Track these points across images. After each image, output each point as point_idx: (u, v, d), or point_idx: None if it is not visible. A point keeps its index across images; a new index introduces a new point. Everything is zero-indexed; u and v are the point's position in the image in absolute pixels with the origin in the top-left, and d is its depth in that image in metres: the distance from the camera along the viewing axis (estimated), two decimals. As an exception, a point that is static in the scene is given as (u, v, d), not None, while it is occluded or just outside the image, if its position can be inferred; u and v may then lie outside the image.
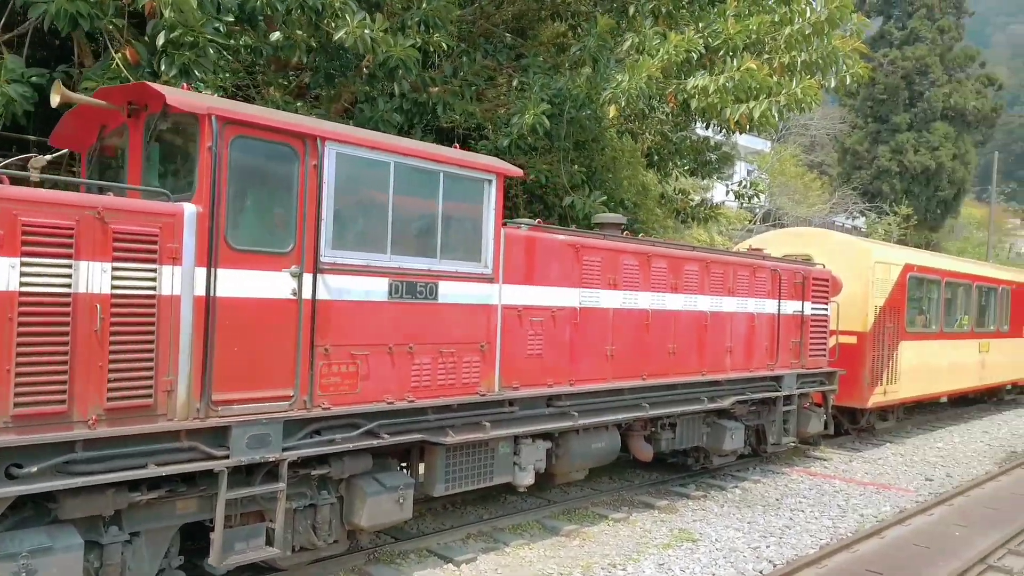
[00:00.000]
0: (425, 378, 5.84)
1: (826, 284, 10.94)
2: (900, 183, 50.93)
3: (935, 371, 13.88)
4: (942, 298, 13.99)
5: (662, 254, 8.28)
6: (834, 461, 11.43)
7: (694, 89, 11.19)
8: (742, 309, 9.42)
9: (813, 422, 10.82)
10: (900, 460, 11.75)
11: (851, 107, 54.81)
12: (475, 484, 6.35)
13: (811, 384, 10.75)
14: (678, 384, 8.43)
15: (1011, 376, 17.53)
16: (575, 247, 7.21)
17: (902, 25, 53.67)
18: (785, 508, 8.66)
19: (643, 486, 9.17)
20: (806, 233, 12.87)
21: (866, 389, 11.93)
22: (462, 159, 6.06)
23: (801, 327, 10.45)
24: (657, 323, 8.16)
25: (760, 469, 10.59)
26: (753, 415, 10.03)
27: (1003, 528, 7.91)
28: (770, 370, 9.89)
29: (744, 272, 9.47)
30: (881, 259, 12.18)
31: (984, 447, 13.24)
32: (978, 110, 51.47)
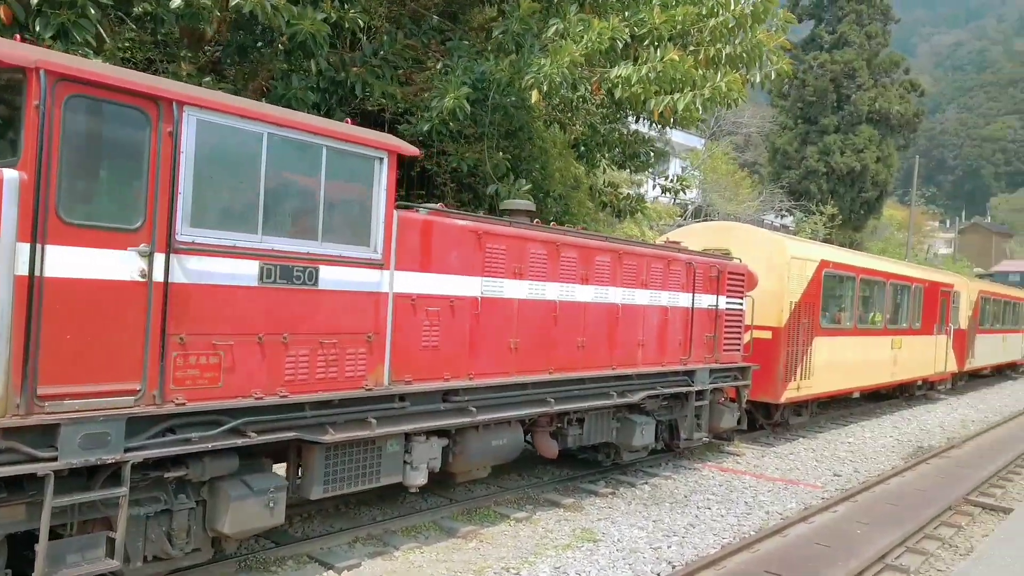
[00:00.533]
0: (302, 371, 5.37)
1: (742, 278, 10.86)
2: (827, 183, 52.38)
3: (848, 367, 14.06)
4: (856, 295, 14.18)
5: (572, 243, 7.97)
6: (747, 456, 11.40)
7: (618, 78, 10.98)
8: (655, 302, 9.22)
9: (726, 417, 10.74)
10: (811, 455, 11.81)
11: (782, 108, 56.09)
12: (359, 485, 5.92)
13: (725, 379, 10.67)
14: (587, 378, 8.16)
15: (921, 372, 18.01)
16: (477, 233, 6.83)
17: (832, 29, 55.05)
18: (692, 505, 8.50)
19: (551, 483, 8.89)
20: (725, 227, 12.81)
21: (780, 384, 11.95)
22: (348, 133, 5.59)
23: (715, 321, 10.33)
24: (566, 315, 7.86)
25: (672, 465, 10.46)
26: (665, 410, 9.87)
27: (904, 525, 7.91)
28: (683, 364, 9.74)
29: (658, 264, 9.26)
30: (797, 255, 12.20)
31: (893, 442, 13.48)
32: (901, 115, 53.26)
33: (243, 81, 12.54)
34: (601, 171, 18.44)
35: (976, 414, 17.79)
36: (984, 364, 23.43)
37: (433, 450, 6.53)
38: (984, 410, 18.63)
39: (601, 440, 8.77)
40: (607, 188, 19.09)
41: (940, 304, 18.62)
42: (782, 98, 55.66)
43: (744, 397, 11.15)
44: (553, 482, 8.95)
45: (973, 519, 8.54)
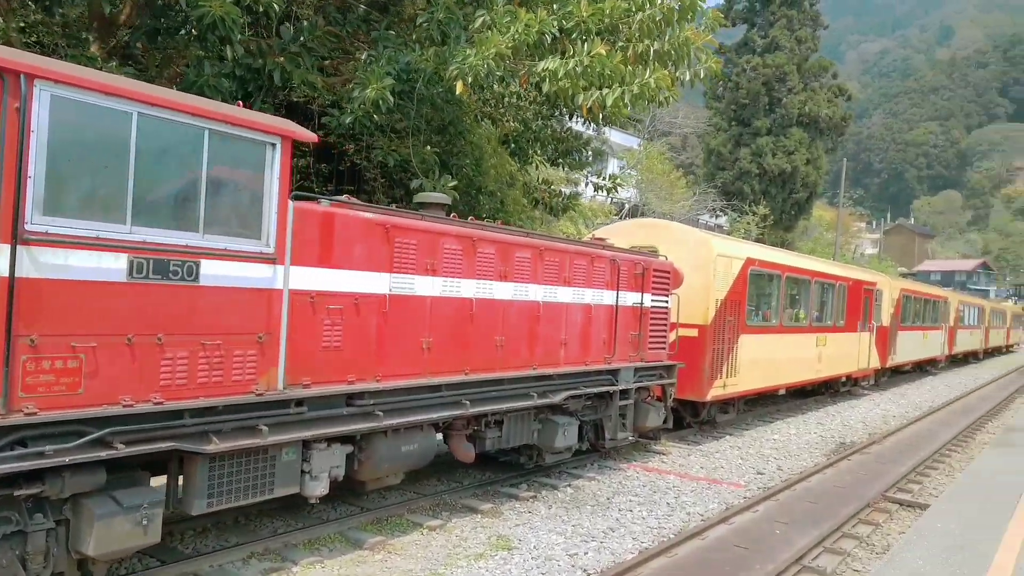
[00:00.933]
0: (180, 375, 4.90)
1: (667, 276, 10.75)
2: (759, 184, 53.55)
3: (774, 364, 14.17)
4: (782, 293, 14.29)
5: (490, 239, 7.66)
6: (673, 455, 11.31)
7: (545, 72, 10.75)
8: (578, 300, 8.99)
9: (652, 416, 10.61)
10: (736, 453, 11.80)
11: (716, 110, 57.15)
12: (250, 498, 5.47)
13: (650, 378, 10.53)
14: (505, 379, 7.86)
15: (846, 369, 18.36)
16: (385, 227, 6.45)
17: (764, 34, 56.27)
18: (614, 508, 8.30)
19: (471, 488, 8.56)
20: (652, 225, 12.72)
21: (706, 382, 11.90)
22: (234, 116, 5.14)
23: (640, 319, 10.18)
24: (483, 313, 7.55)
25: (598, 465, 10.27)
26: (590, 410, 9.67)
27: (823, 524, 7.87)
28: (607, 363, 9.55)
29: (581, 261, 9.03)
30: (723, 252, 12.18)
31: (817, 438, 13.62)
32: (830, 118, 54.80)
33: (157, 68, 11.86)
34: (534, 168, 18.24)
35: (898, 409, 18.23)
36: (906, 360, 24.15)
37: (335, 458, 6.13)
38: (905, 405, 19.13)
39: (522, 442, 8.49)
40: (541, 185, 18.91)
41: (864, 302, 19.03)
42: (717, 100, 56.76)
43: (670, 396, 11.05)
44: (473, 486, 8.63)
45: (891, 516, 8.58)
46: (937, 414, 17.68)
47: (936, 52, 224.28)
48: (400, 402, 6.61)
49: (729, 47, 57.07)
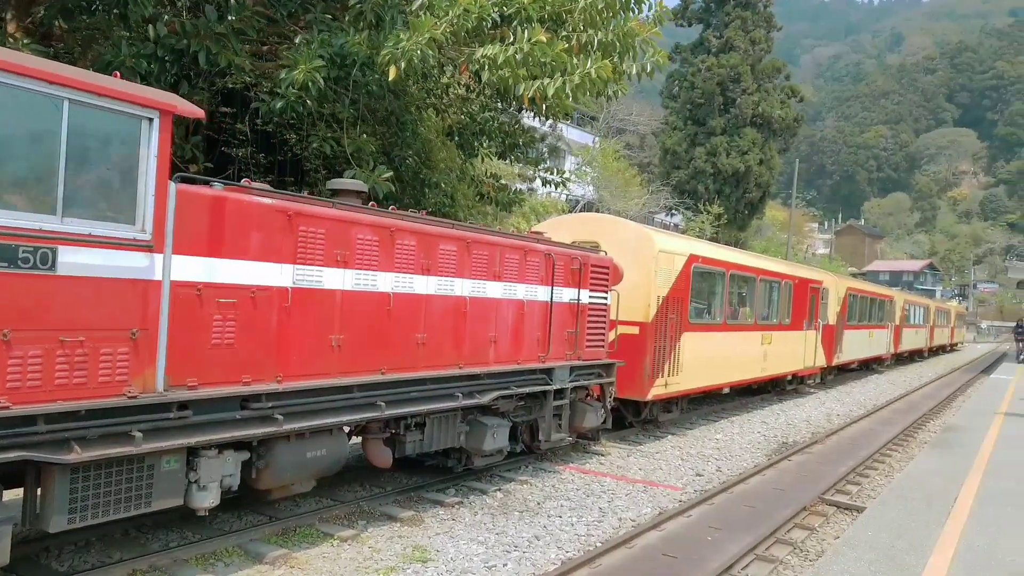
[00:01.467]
0: (32, 376, 4.34)
1: (606, 272, 10.40)
2: (713, 184, 53.96)
3: (718, 363, 13.96)
4: (727, 290, 14.09)
5: (411, 229, 7.19)
6: (612, 456, 10.98)
7: (484, 59, 10.32)
8: (510, 295, 8.58)
9: (590, 416, 10.26)
10: (677, 453, 11.53)
11: (672, 109, 57.45)
12: (121, 512, 4.92)
13: (588, 377, 10.18)
14: (428, 379, 7.40)
15: (792, 367, 18.32)
16: (288, 214, 5.93)
17: (720, 34, 56.69)
18: (544, 514, 7.91)
19: (393, 493, 8.08)
20: (595, 219, 12.39)
21: (646, 381, 11.60)
22: (100, 85, 4.59)
23: (577, 316, 9.81)
24: (402, 309, 7.08)
25: (533, 468, 9.88)
26: (524, 411, 9.27)
27: (757, 529, 7.59)
28: (541, 362, 9.15)
29: (514, 255, 8.62)
30: (665, 248, 11.89)
31: (760, 438, 13.45)
32: (782, 119, 55.45)
33: (80, 49, 11.15)
34: (480, 161, 17.80)
35: (842, 408, 18.25)
36: (852, 359, 24.33)
37: (228, 466, 5.61)
38: (850, 404, 19.18)
39: (447, 446, 8.04)
40: (489, 179, 18.49)
41: (810, 300, 19.02)
42: (672, 99, 57.09)
43: (610, 395, 10.72)
44: (396, 492, 8.15)
45: (827, 519, 8.35)
46: (880, 412, 17.73)
47: (887, 58, 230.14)
48: (305, 404, 6.11)
49: (685, 47, 57.44)
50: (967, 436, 12.07)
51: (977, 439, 11.72)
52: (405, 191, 17.10)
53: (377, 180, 11.63)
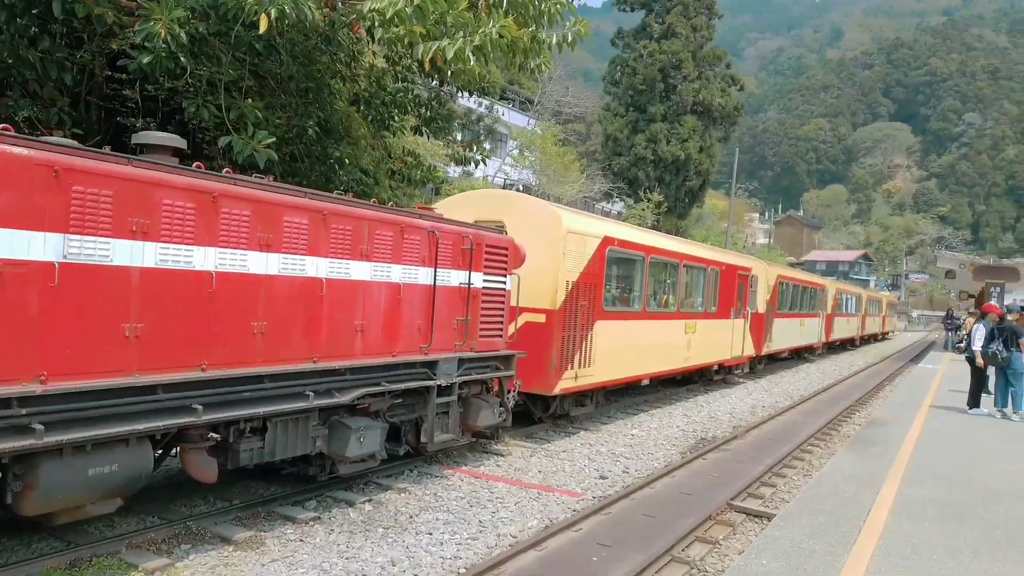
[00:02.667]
0: None
1: (504, 253, 9.36)
2: (654, 171, 53.62)
3: (636, 353, 13.09)
4: (646, 276, 13.21)
5: (243, 196, 5.99)
6: (512, 457, 9.97)
7: (372, 13, 9.16)
8: (382, 277, 7.45)
9: (485, 414, 9.22)
10: (586, 452, 10.60)
11: (614, 95, 56.86)
12: None
13: (482, 370, 9.13)
14: (267, 375, 6.23)
15: (718, 357, 17.65)
16: (55, 169, 4.68)
17: (661, 20, 56.28)
18: (413, 530, 6.84)
19: (235, 509, 6.90)
20: (500, 196, 11.32)
21: (553, 374, 10.63)
22: None
23: (469, 302, 8.74)
24: (231, 292, 5.89)
25: (418, 472, 8.81)
26: (404, 409, 8.17)
27: (652, 545, 6.66)
28: (423, 354, 8.06)
29: (387, 232, 7.48)
30: (575, 229, 10.90)
31: (679, 433, 12.64)
32: (723, 107, 55.33)
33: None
34: (392, 136, 16.55)
35: (769, 399, 17.68)
36: (782, 348, 23.93)
37: (-42, 490, 4.37)
38: (777, 394, 18.65)
39: (299, 453, 6.88)
40: (404, 155, 17.27)
41: (738, 288, 18.38)
42: (614, 85, 56.49)
43: (507, 389, 9.70)
44: (240, 507, 6.97)
45: (734, 530, 7.49)
46: (807, 404, 17.21)
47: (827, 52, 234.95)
48: (82, 410, 4.88)
49: (627, 32, 56.87)
50: (889, 432, 11.44)
51: (899, 435, 11.09)
52: (314, 167, 15.82)
53: (257, 147, 10.40)
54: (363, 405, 7.35)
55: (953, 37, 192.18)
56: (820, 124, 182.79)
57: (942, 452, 10.06)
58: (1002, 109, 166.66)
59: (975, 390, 13.91)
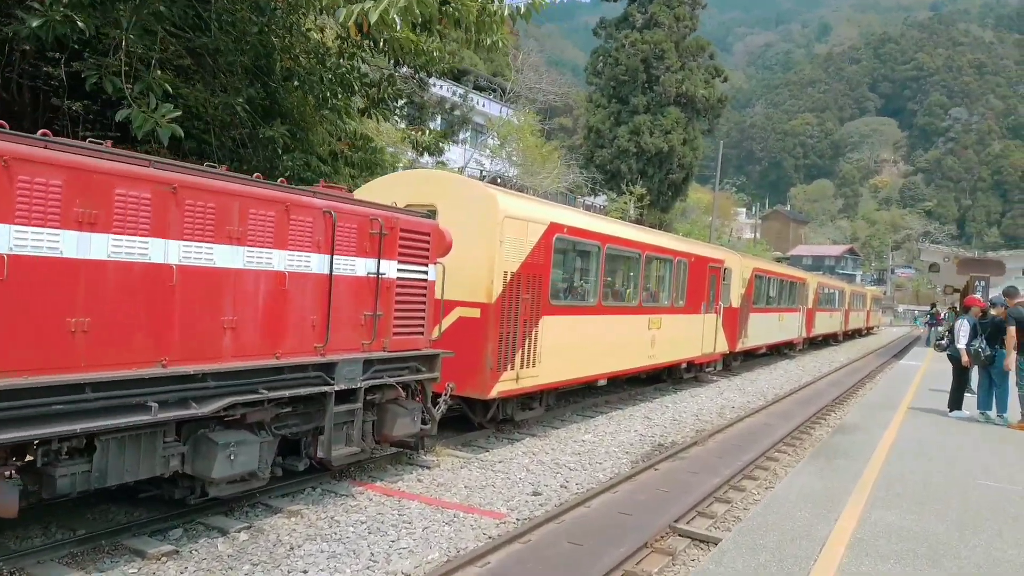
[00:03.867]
0: None
1: (424, 239, 8.22)
2: (636, 164, 52.64)
3: (591, 351, 12.00)
4: (602, 267, 12.11)
5: (48, 162, 4.82)
6: (440, 469, 8.86)
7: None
8: (260, 265, 6.31)
9: (403, 422, 8.09)
10: (526, 463, 9.50)
11: (597, 86, 55.90)
12: None
13: (397, 372, 8.01)
14: (90, 383, 5.08)
15: (687, 354, 16.59)
16: None
17: (644, 9, 55.27)
18: (287, 566, 5.72)
19: (69, 543, 5.74)
20: (433, 178, 10.18)
21: (489, 375, 9.51)
22: None
23: (380, 295, 7.61)
24: (29, 281, 4.73)
25: (322, 490, 7.69)
26: (299, 419, 7.05)
27: (570, 582, 5.58)
28: (319, 355, 6.93)
29: (265, 211, 6.34)
30: (515, 214, 9.78)
31: (636, 438, 11.57)
32: (706, 99, 54.40)
33: None
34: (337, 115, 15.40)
35: (741, 398, 16.66)
36: (759, 344, 22.92)
37: None
38: (751, 393, 17.64)
39: (147, 475, 5.74)
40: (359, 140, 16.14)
41: (709, 281, 17.33)
42: (596, 75, 55.47)
43: (430, 392, 8.58)
44: (81, 539, 5.82)
45: (673, 559, 6.40)
46: (780, 404, 16.19)
47: (815, 47, 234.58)
48: None
49: (610, 22, 55.81)
50: (860, 439, 10.36)
51: (871, 443, 10.01)
52: (257, 152, 14.71)
53: (160, 121, 9.30)
54: (234, 416, 6.21)
55: (940, 32, 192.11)
56: (807, 119, 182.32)
57: (917, 464, 8.97)
58: (988, 104, 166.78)
59: (956, 391, 12.89)
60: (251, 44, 12.83)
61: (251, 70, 13.48)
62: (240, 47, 12.70)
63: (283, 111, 14.43)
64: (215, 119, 13.58)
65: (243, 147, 14.34)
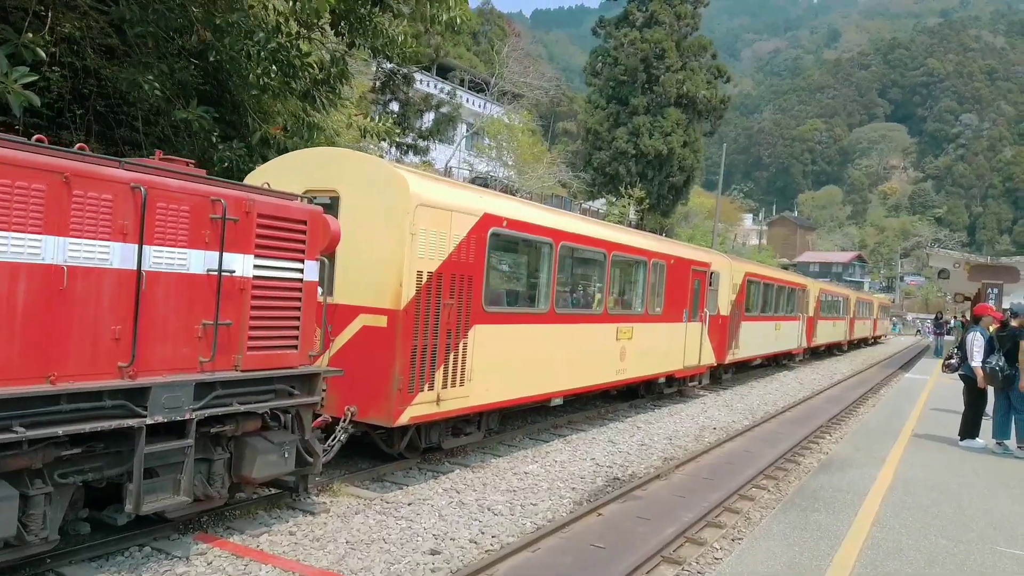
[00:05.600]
0: None
1: (298, 228, 6.52)
2: (636, 166, 50.99)
3: (541, 365, 10.27)
4: (554, 267, 10.38)
5: None
6: (328, 516, 7.14)
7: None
8: (17, 256, 4.63)
9: (267, 460, 6.37)
10: (443, 504, 7.78)
11: (595, 87, 54.41)
12: None
13: (256, 395, 6.29)
14: None
15: (665, 367, 14.82)
16: None
17: (644, 7, 53.73)
18: None
19: None
20: (333, 158, 8.46)
21: (396, 397, 7.79)
22: None
23: (225, 297, 5.91)
24: None
25: (151, 548, 5.99)
26: (105, 461, 5.35)
27: None
28: (124, 376, 5.23)
29: (27, 184, 4.65)
30: (433, 202, 8.06)
31: (590, 468, 9.84)
32: (708, 100, 52.71)
33: None
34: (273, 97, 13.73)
35: (727, 417, 14.88)
36: (752, 355, 21.11)
37: None
38: (739, 411, 15.86)
39: None
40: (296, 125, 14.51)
41: (692, 286, 15.57)
42: (595, 76, 53.91)
43: (309, 422, 6.88)
44: None
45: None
46: (769, 424, 14.40)
47: (824, 53, 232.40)
48: None
49: (609, 20, 54.23)
50: (849, 481, 8.48)
51: (861, 487, 8.13)
52: (196, 142, 13.19)
53: (11, 86, 7.73)
54: (-22, 463, 4.53)
55: (950, 38, 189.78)
56: (816, 125, 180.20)
57: (917, 524, 7.06)
58: (999, 110, 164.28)
59: (970, 416, 11.04)
60: (158, 13, 11.24)
61: (163, 42, 11.92)
62: (146, 16, 11.14)
63: (210, 93, 12.86)
64: (143, 103, 12.06)
65: (177, 135, 12.79)
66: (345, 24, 12.79)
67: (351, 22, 12.59)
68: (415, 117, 34.78)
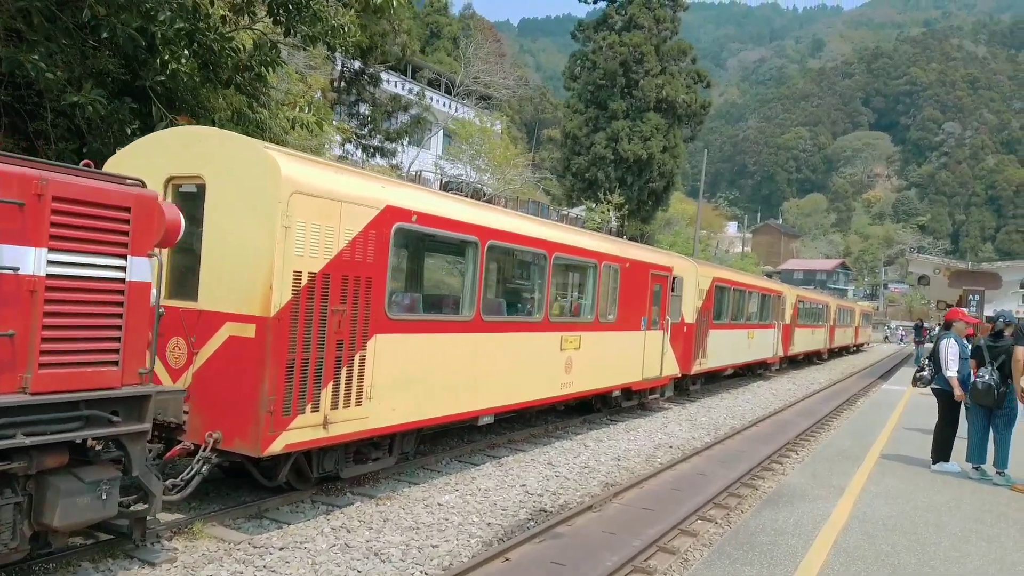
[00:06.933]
0: None
1: (118, 216, 5.27)
2: (615, 171, 50.05)
3: (464, 379, 9.06)
4: (480, 270, 9.17)
5: None
6: (173, 566, 5.89)
7: None
8: None
9: (76, 501, 5.12)
10: (323, 549, 6.55)
11: (574, 91, 53.56)
12: None
13: (55, 425, 5.03)
14: None
15: (620, 379, 13.64)
16: None
17: (623, 11, 52.95)
18: None
19: None
20: (198, 138, 7.21)
21: (265, 421, 6.54)
22: None
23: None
24: None
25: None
26: None
27: None
28: None
29: None
30: (313, 190, 6.84)
31: (517, 498, 8.62)
32: (688, 104, 51.83)
33: None
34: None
35: (688, 433, 13.72)
36: (721, 365, 19.97)
37: None
38: (704, 425, 14.71)
39: None
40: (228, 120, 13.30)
41: (651, 292, 14.42)
42: (574, 80, 53.00)
43: (139, 455, 5.62)
44: None
45: None
46: (731, 440, 13.24)
47: (808, 62, 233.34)
48: None
49: (587, 24, 53.37)
50: (797, 520, 7.24)
51: (811, 528, 6.89)
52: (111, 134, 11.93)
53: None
54: None
55: (933, 47, 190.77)
56: (800, 133, 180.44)
57: (872, 572, 5.93)
58: (981, 119, 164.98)
59: (943, 436, 9.87)
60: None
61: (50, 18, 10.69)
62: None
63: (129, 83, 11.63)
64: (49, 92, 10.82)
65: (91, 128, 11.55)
66: (283, 12, 11.75)
67: (288, 8, 11.55)
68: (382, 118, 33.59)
